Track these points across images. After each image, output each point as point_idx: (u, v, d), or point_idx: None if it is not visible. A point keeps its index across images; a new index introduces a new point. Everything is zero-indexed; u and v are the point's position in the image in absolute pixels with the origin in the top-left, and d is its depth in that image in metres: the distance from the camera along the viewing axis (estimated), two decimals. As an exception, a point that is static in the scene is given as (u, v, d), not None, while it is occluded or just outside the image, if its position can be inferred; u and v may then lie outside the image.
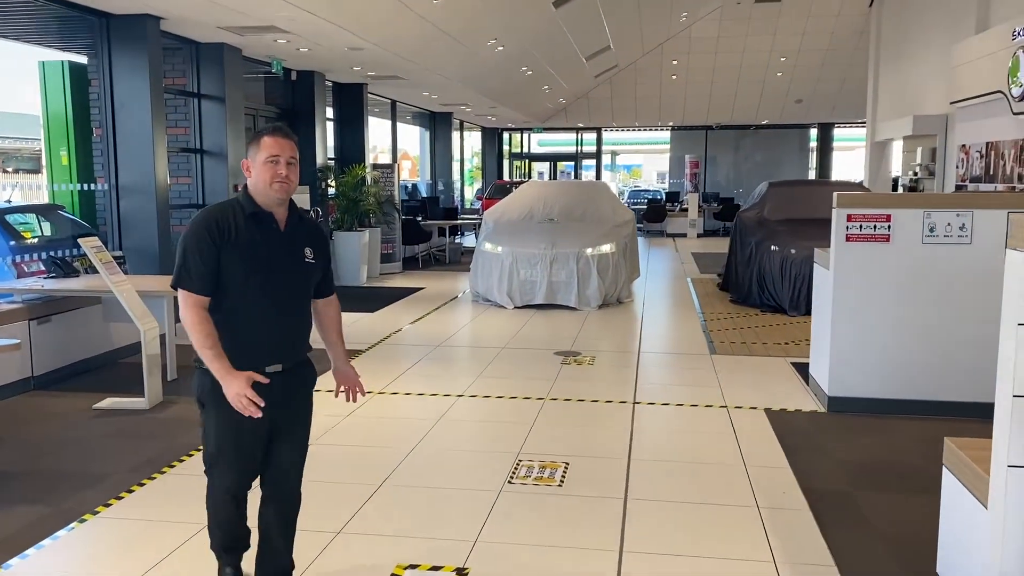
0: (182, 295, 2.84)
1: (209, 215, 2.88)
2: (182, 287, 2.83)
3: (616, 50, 17.70)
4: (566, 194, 11.51)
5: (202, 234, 2.82)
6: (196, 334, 2.81)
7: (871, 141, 17.55)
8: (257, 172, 2.89)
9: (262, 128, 2.96)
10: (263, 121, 11.53)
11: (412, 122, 21.39)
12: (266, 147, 2.87)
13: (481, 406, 5.89)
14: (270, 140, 2.89)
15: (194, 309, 2.83)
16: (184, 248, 2.83)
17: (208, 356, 2.79)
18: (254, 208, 2.91)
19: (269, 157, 2.87)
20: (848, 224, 5.55)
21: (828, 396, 5.69)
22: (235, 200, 2.96)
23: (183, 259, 2.83)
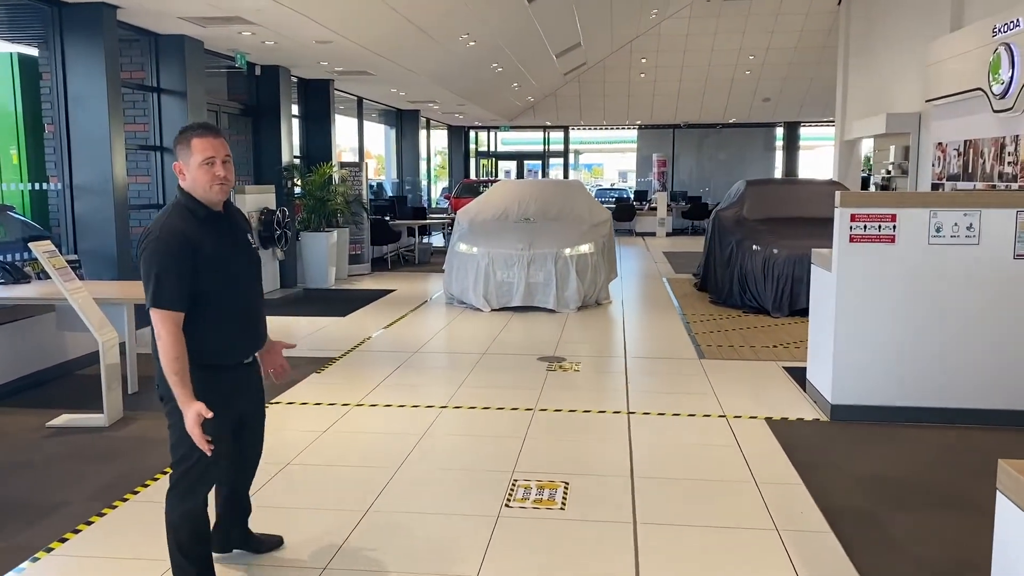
0: (159, 314, 2.78)
1: (174, 229, 2.82)
2: (159, 307, 2.77)
3: (586, 47, 17.45)
4: (541, 193, 11.20)
5: (175, 251, 2.78)
6: (169, 356, 2.78)
7: (840, 140, 17.51)
8: (193, 175, 2.87)
9: (186, 128, 2.92)
10: (226, 117, 11.05)
11: (377, 120, 20.94)
12: (199, 149, 2.86)
13: (467, 419, 5.55)
14: (201, 142, 2.87)
15: (172, 329, 2.78)
16: (158, 267, 2.77)
17: (174, 381, 2.77)
18: (205, 211, 2.91)
19: (205, 160, 2.86)
20: (852, 224, 5.31)
21: (831, 404, 5.45)
22: (180, 206, 2.90)
23: (158, 279, 2.77)
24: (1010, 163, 9.41)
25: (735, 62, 20.71)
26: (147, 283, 2.79)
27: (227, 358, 2.96)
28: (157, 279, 2.77)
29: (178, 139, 2.92)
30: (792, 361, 7.11)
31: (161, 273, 2.77)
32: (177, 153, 2.90)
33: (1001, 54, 9.16)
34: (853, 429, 5.25)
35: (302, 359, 7.27)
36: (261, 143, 11.75)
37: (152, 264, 2.78)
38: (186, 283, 2.79)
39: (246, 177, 11.63)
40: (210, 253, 2.84)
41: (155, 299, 2.77)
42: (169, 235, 2.80)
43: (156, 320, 2.78)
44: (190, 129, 2.92)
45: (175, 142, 2.92)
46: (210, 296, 2.85)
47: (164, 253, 2.78)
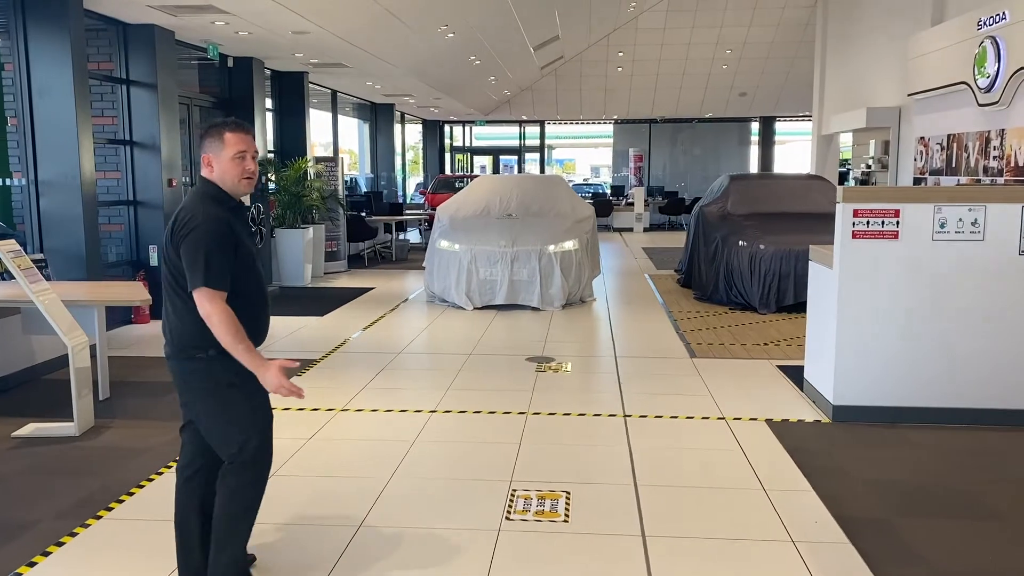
0: (211, 294, 2.82)
1: (217, 215, 2.90)
2: (210, 286, 2.82)
3: (564, 40, 17.25)
4: (523, 189, 10.98)
5: (224, 233, 2.87)
6: (229, 331, 2.83)
7: (817, 134, 17.48)
8: (224, 168, 2.96)
9: (219, 123, 3.01)
10: (198, 111, 10.70)
11: (351, 114, 20.58)
12: (232, 143, 2.95)
13: (458, 424, 5.33)
14: (234, 136, 2.96)
15: (224, 307, 2.84)
16: (206, 249, 2.83)
17: (242, 350, 2.84)
18: (232, 201, 3.01)
19: (237, 153, 2.96)
20: (855, 220, 5.15)
21: (833, 405, 5.30)
22: (209, 196, 2.96)
23: (207, 259, 2.82)
24: (995, 157, 9.36)
25: (712, 56, 20.62)
26: (194, 265, 2.82)
27: (256, 342, 2.99)
28: (207, 260, 2.82)
29: (209, 132, 2.99)
30: (785, 359, 6.97)
31: (210, 255, 2.83)
32: (206, 146, 2.97)
33: (987, 47, 9.09)
34: (857, 431, 5.10)
35: (281, 361, 7.00)
36: (235, 137, 11.40)
37: (200, 246, 2.83)
38: (230, 265, 2.87)
39: (219, 172, 11.29)
40: (242, 239, 2.95)
41: (207, 279, 2.81)
42: (215, 220, 2.87)
43: (207, 300, 2.82)
44: (223, 124, 3.00)
45: (205, 135, 2.99)
46: (240, 282, 2.92)
47: (213, 236, 2.85)
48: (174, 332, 2.97)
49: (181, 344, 2.95)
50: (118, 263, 8.95)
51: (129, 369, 6.71)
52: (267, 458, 3.13)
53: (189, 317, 2.90)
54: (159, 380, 6.40)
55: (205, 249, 2.83)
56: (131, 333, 8.26)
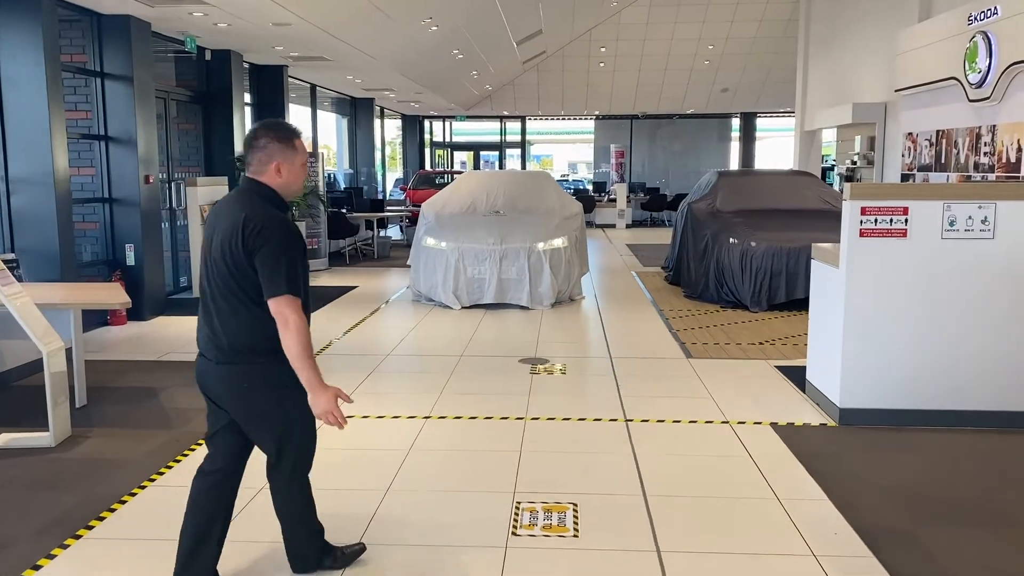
0: (291, 301, 2.80)
1: (288, 222, 2.90)
2: (293, 294, 2.81)
3: (547, 35, 17.06)
4: (510, 185, 10.78)
5: (296, 240, 2.87)
6: (302, 341, 2.82)
7: (800, 130, 17.43)
8: (294, 175, 2.96)
9: (285, 127, 2.99)
10: (175, 105, 10.39)
11: (329, 109, 20.26)
12: (301, 151, 2.98)
13: (454, 431, 5.13)
14: (301, 144, 3.00)
15: (302, 314, 2.84)
16: (287, 254, 2.81)
17: (309, 365, 2.83)
18: (286, 206, 3.00)
19: (304, 161, 2.99)
20: (862, 218, 5.01)
21: (840, 408, 5.16)
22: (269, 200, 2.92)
23: (290, 266, 2.80)
24: (986, 153, 9.29)
25: (694, 52, 20.52)
26: (275, 273, 2.79)
27: None
28: (288, 266, 2.80)
29: (280, 137, 2.94)
30: (783, 359, 6.84)
31: (289, 260, 2.81)
32: (277, 152, 2.91)
33: (978, 42, 9.01)
34: (866, 435, 4.96)
35: (266, 364, 6.76)
36: (212, 132, 11.11)
37: (281, 251, 2.80)
38: (303, 274, 2.89)
39: (196, 168, 11.00)
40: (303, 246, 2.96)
41: (289, 285, 2.79)
42: (289, 226, 2.87)
43: (287, 306, 2.79)
44: (291, 130, 2.99)
45: (275, 139, 2.93)
46: (300, 287, 2.89)
47: (291, 240, 2.84)
48: (226, 336, 2.88)
49: (235, 348, 2.88)
50: (93, 263, 8.65)
51: (107, 374, 6.44)
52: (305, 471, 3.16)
53: (249, 321, 2.86)
54: (139, 385, 6.14)
55: (286, 255, 2.80)
56: (107, 336, 7.97)
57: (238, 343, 2.87)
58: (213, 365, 2.93)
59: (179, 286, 10.25)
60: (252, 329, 2.86)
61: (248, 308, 2.85)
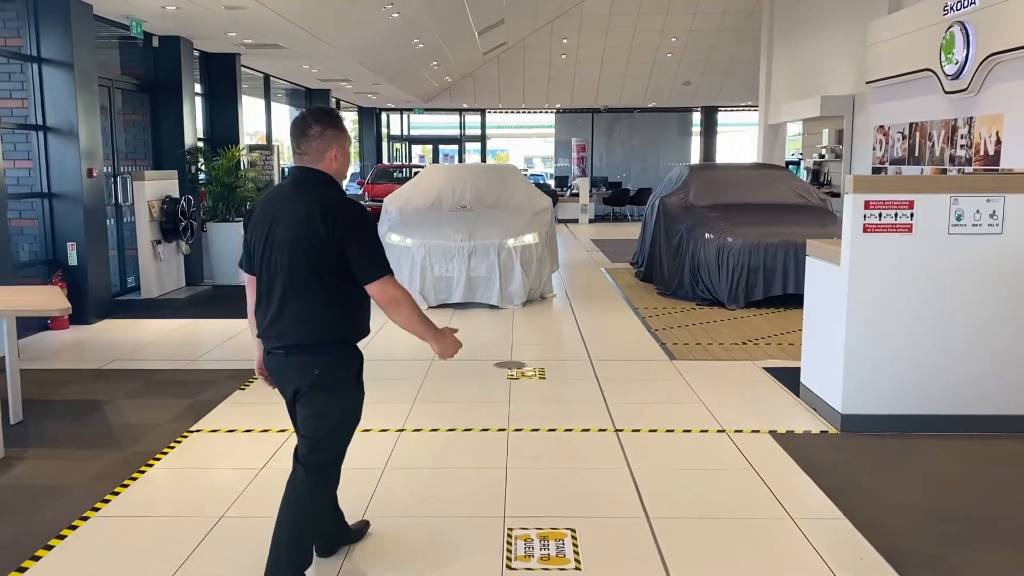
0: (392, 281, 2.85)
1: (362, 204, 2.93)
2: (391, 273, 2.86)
3: (509, 24, 16.65)
4: (476, 179, 10.37)
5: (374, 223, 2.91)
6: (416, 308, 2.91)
7: (764, 123, 17.29)
8: (348, 160, 3.00)
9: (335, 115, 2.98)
10: (120, 94, 9.77)
11: (283, 100, 19.59)
12: (348, 138, 3.00)
13: (431, 445, 4.72)
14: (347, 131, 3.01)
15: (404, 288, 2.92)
16: (377, 240, 2.86)
17: (428, 324, 2.94)
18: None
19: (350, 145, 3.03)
20: (866, 212, 4.71)
21: (841, 414, 4.86)
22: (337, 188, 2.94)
23: (380, 250, 2.85)
24: (963, 146, 9.13)
25: (657, 43, 20.27)
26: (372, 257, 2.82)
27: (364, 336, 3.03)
28: (380, 250, 2.84)
29: (335, 123, 2.94)
30: (769, 360, 6.55)
31: (379, 245, 2.86)
32: (334, 138, 2.90)
33: (955, 33, 8.83)
34: (872, 443, 4.67)
35: (219, 372, 6.28)
36: (160, 123, 10.49)
37: (373, 238, 2.84)
38: None
39: (144, 162, 10.38)
40: None
41: (387, 268, 2.85)
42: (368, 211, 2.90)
43: (393, 286, 2.84)
44: (338, 117, 2.98)
45: (330, 126, 2.91)
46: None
47: (375, 226, 2.88)
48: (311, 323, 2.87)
49: (317, 335, 2.88)
50: (32, 263, 8.04)
51: (46, 385, 5.89)
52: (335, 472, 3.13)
53: (336, 309, 2.88)
54: (82, 398, 5.61)
55: (376, 240, 2.84)
56: (47, 342, 7.39)
57: (321, 331, 2.87)
58: (283, 357, 2.91)
59: (126, 287, 9.64)
60: (340, 316, 2.89)
61: (332, 295, 2.85)
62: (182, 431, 4.92)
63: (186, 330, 7.93)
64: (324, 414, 2.95)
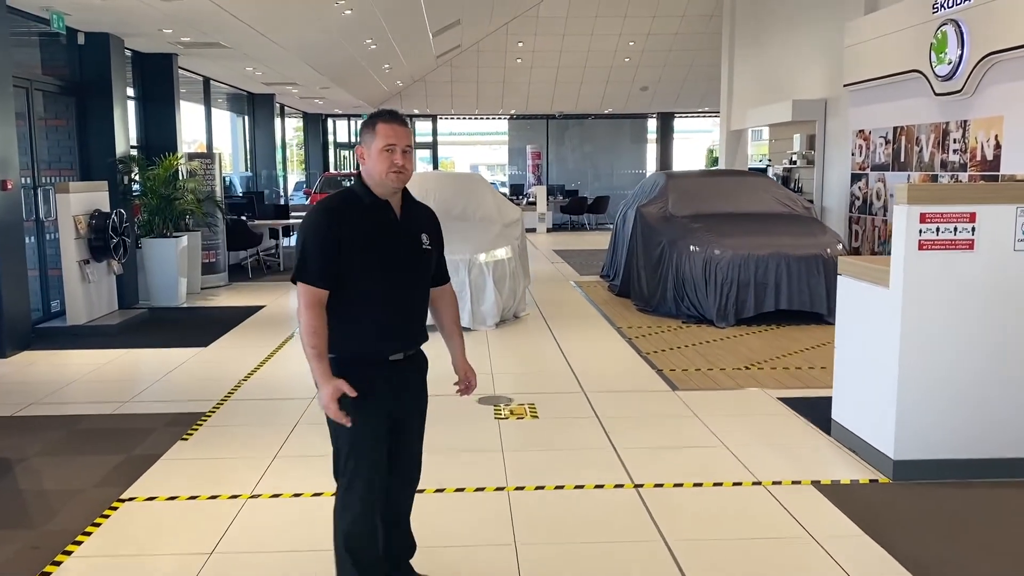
0: (300, 288, 2.74)
1: (327, 206, 2.80)
2: (302, 280, 2.74)
3: (464, 26, 15.88)
4: (440, 188, 9.57)
5: (321, 226, 2.74)
6: (307, 331, 2.70)
7: (727, 129, 16.84)
8: (373, 161, 2.79)
9: (375, 113, 2.86)
10: (40, 96, 8.73)
11: (223, 106, 18.50)
12: (382, 135, 2.77)
13: (422, 513, 3.89)
14: (386, 128, 2.78)
15: (311, 304, 2.72)
16: (303, 242, 2.76)
17: (311, 355, 2.70)
18: (372, 198, 2.81)
19: (386, 146, 2.76)
20: (921, 227, 4.05)
21: (893, 460, 4.19)
22: (350, 189, 2.87)
23: (302, 252, 2.76)
24: (956, 151, 8.65)
25: (615, 48, 19.70)
26: (297, 256, 2.77)
27: (373, 352, 2.83)
28: (302, 254, 2.76)
29: (365, 123, 2.86)
30: (781, 388, 5.90)
31: (306, 248, 2.75)
32: (362, 137, 2.86)
33: (947, 32, 8.34)
34: (936, 495, 4.01)
35: (157, 417, 5.37)
36: (88, 129, 9.45)
37: (300, 238, 2.79)
38: (329, 261, 2.73)
39: (69, 172, 9.33)
40: (361, 238, 2.76)
41: (298, 272, 2.76)
42: (322, 212, 2.79)
43: (299, 293, 2.75)
44: (378, 115, 2.84)
45: (362, 125, 2.89)
46: (357, 283, 2.77)
47: (313, 229, 2.75)
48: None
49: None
50: (-65, 288, 7.00)
51: None
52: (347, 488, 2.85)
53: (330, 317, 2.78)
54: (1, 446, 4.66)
55: (303, 243, 2.76)
56: (-48, 381, 6.37)
57: None
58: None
59: (50, 312, 8.59)
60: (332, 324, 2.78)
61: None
62: (111, 500, 4.03)
63: (118, 363, 6.97)
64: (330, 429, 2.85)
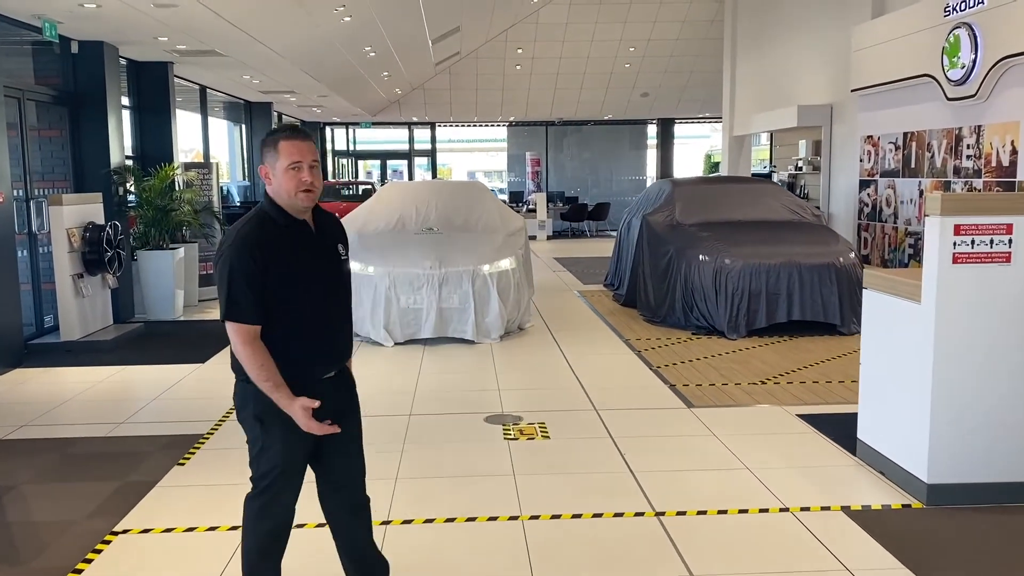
0: (233, 328, 2.67)
1: (247, 237, 2.67)
2: (233, 320, 2.66)
3: (464, 32, 15.71)
4: (441, 197, 9.37)
5: (245, 260, 2.64)
6: (253, 368, 2.67)
7: (729, 135, 16.67)
8: (279, 180, 2.72)
9: (276, 130, 2.83)
10: (33, 106, 8.52)
11: (220, 115, 18.31)
12: (286, 153, 2.71)
13: (429, 545, 3.68)
14: (288, 145, 2.73)
15: (248, 341, 2.67)
16: (228, 278, 2.65)
17: (268, 388, 2.68)
18: (286, 219, 2.75)
19: (291, 164, 2.70)
20: (955, 239, 3.86)
21: (927, 484, 3.99)
22: (261, 212, 2.77)
23: (229, 289, 2.66)
24: (969, 156, 8.47)
25: (615, 54, 19.55)
26: (220, 294, 2.68)
27: (305, 374, 2.76)
28: (229, 291, 2.65)
29: (265, 141, 2.78)
30: (799, 404, 5.71)
31: (232, 285, 2.64)
32: (264, 156, 2.76)
33: (960, 35, 8.17)
34: (974, 521, 3.81)
35: (152, 439, 5.15)
36: (82, 140, 9.25)
37: (223, 275, 2.66)
38: (258, 294, 2.65)
39: (63, 183, 9.13)
40: (284, 262, 2.69)
41: (228, 312, 2.66)
42: (242, 242, 2.66)
43: (231, 333, 2.68)
44: (279, 131, 2.78)
45: (261, 144, 2.79)
46: (285, 308, 2.70)
47: (235, 261, 2.64)
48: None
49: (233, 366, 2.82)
50: (-77, 305, 6.78)
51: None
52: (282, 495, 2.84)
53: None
54: None
55: (227, 279, 2.65)
56: (-60, 401, 6.15)
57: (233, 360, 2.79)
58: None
59: (43, 327, 8.37)
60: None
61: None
62: (104, 532, 3.81)
63: (113, 381, 6.75)
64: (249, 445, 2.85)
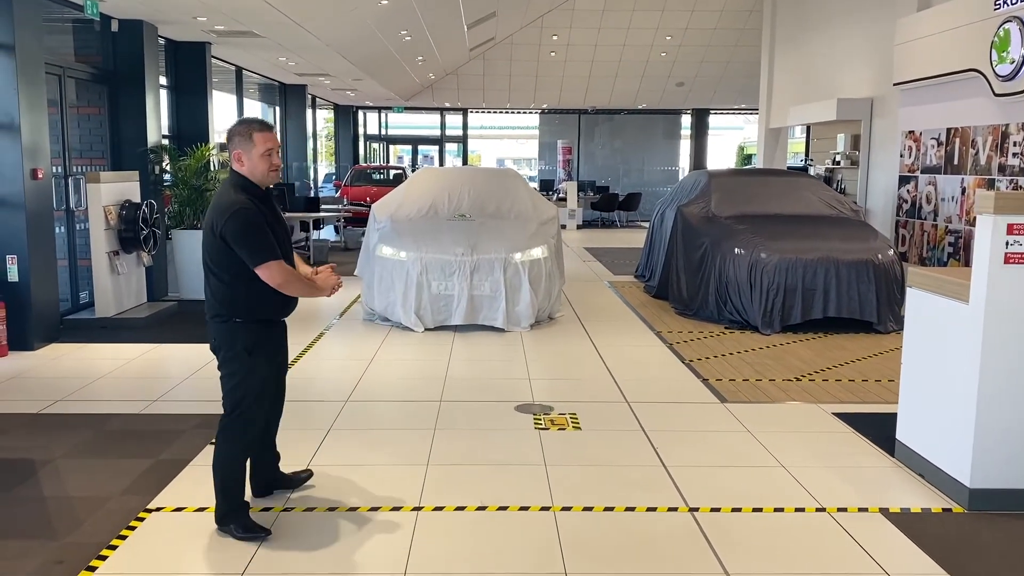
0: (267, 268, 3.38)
1: (247, 202, 3.41)
2: (267, 259, 3.38)
3: (500, 17, 15.61)
4: (474, 184, 9.33)
5: (254, 213, 3.38)
6: (302, 288, 3.54)
7: (766, 127, 16.44)
8: (254, 163, 3.49)
9: (245, 121, 3.53)
10: (73, 84, 8.58)
11: (255, 96, 18.38)
12: (261, 142, 3.48)
13: (460, 533, 3.66)
14: (261, 136, 3.48)
15: (284, 272, 3.43)
16: (248, 231, 3.36)
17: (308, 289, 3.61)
18: (260, 191, 3.52)
19: (266, 151, 3.48)
20: (1008, 239, 3.75)
21: (969, 489, 3.90)
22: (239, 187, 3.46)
23: (256, 238, 3.37)
24: (1016, 154, 8.27)
25: (651, 42, 19.34)
26: (245, 247, 3.36)
27: (278, 314, 3.63)
28: (253, 241, 3.35)
29: (238, 131, 3.48)
30: (836, 403, 5.61)
31: (254, 235, 3.36)
32: (236, 142, 3.46)
33: (1010, 30, 7.95)
34: (1018, 527, 3.71)
35: (185, 418, 5.18)
36: (120, 118, 9.31)
37: (246, 230, 3.35)
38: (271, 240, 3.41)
39: (101, 161, 9.20)
40: (268, 222, 3.43)
41: (261, 256, 3.36)
42: (248, 205, 3.39)
43: (268, 273, 3.38)
44: (250, 124, 3.50)
45: (233, 133, 3.48)
46: None
47: (250, 218, 3.36)
48: (209, 299, 3.53)
49: (213, 310, 3.51)
50: (-37, 278, 6.87)
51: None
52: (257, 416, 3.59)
53: (221, 290, 3.47)
54: (10, 456, 4.49)
55: (252, 231, 3.34)
56: (-21, 374, 6.23)
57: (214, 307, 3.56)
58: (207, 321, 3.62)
59: (78, 303, 8.47)
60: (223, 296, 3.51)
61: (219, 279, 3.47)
62: (138, 510, 3.84)
63: (147, 358, 6.81)
64: (223, 377, 3.55)
